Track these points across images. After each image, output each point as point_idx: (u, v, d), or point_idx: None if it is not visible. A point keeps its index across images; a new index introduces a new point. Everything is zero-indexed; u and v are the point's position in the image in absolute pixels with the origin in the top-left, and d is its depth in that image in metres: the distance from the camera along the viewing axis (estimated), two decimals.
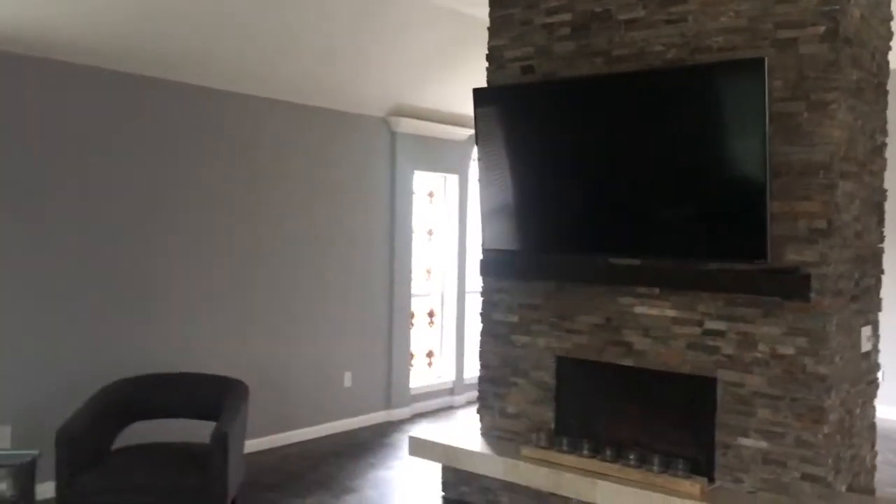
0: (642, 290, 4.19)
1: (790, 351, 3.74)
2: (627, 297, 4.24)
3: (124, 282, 4.97)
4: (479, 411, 4.88)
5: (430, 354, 7.36)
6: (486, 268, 4.74)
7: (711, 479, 3.94)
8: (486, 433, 4.81)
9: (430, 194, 7.26)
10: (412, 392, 6.94)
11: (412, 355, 6.98)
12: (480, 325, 4.88)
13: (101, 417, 4.01)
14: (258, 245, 5.71)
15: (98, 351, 4.80)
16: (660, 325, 4.14)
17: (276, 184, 5.80)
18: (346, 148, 6.30)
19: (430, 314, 7.35)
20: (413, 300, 6.96)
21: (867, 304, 4.10)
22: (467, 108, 6.96)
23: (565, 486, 4.12)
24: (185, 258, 5.28)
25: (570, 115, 4.31)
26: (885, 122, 4.23)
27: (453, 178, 7.29)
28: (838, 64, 3.63)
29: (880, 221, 4.23)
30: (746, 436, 3.86)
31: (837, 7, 3.61)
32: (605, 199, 4.22)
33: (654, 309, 4.16)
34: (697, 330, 4.02)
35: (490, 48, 4.79)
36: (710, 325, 3.98)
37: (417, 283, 7.05)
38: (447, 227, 7.33)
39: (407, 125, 6.65)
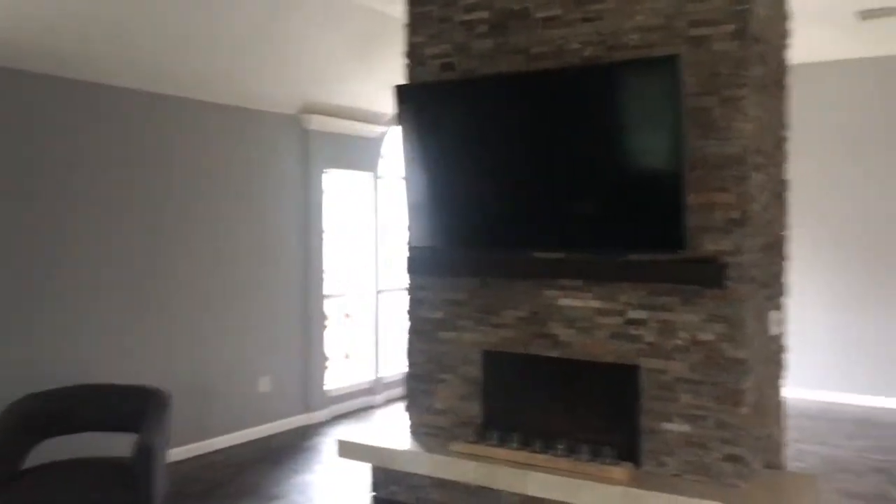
0: (566, 282, 4.27)
1: (709, 337, 3.89)
2: (552, 289, 4.32)
3: (26, 291, 4.70)
4: (406, 409, 4.86)
5: (347, 355, 7.28)
6: (412, 265, 4.73)
7: (637, 465, 4.06)
8: (415, 431, 4.80)
9: (343, 192, 7.18)
10: (330, 394, 6.85)
11: (328, 357, 6.89)
12: (407, 323, 4.86)
13: (10, 435, 3.77)
14: (169, 249, 5.51)
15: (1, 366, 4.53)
16: (584, 317, 4.23)
17: (186, 184, 5.61)
18: (258, 146, 6.16)
19: (346, 315, 7.27)
20: (328, 300, 6.87)
21: (775, 290, 4.32)
22: (379, 105, 6.97)
23: (496, 480, 4.15)
24: (92, 264, 5.03)
25: (491, 112, 4.34)
26: (786, 115, 4.45)
27: (366, 176, 7.23)
28: (747, 61, 3.80)
29: (784, 210, 4.46)
30: (670, 420, 3.99)
31: (746, 6, 3.77)
32: (527, 194, 4.27)
33: (578, 301, 4.24)
34: (620, 320, 4.13)
35: (409, 45, 4.77)
36: (633, 314, 4.10)
37: (332, 283, 6.97)
38: (361, 226, 7.27)
39: (319, 122, 6.56)
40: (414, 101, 4.52)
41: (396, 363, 7.75)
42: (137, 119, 5.29)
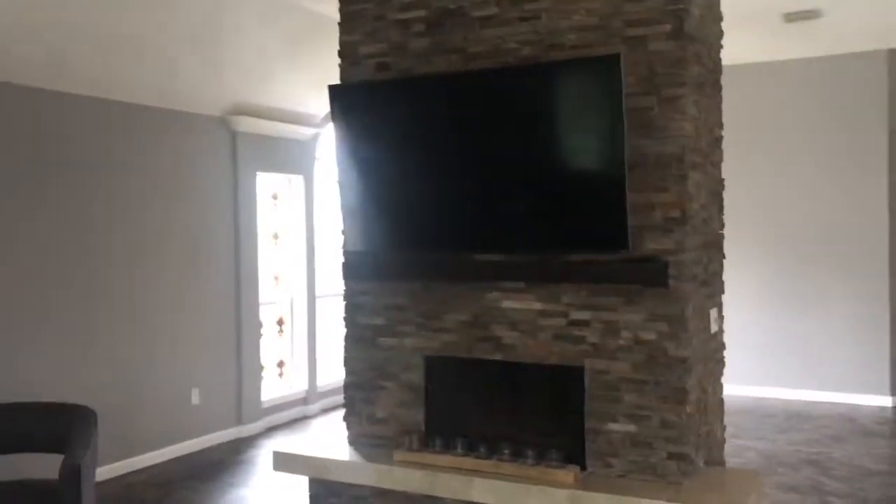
0: (508, 284, 4.21)
1: (652, 336, 3.88)
2: (494, 292, 4.25)
3: None
4: (345, 419, 4.72)
5: (280, 364, 7.09)
6: (349, 270, 4.60)
7: (583, 467, 4.02)
8: (355, 441, 4.66)
9: (275, 196, 7.00)
10: (264, 405, 6.66)
11: (263, 366, 6.70)
12: (344, 330, 4.73)
13: None
14: (93, 257, 5.25)
15: None
16: (527, 319, 4.17)
17: (111, 189, 5.36)
18: (185, 150, 5.94)
19: (280, 322, 7.09)
20: (261, 308, 6.68)
21: (714, 288, 4.34)
22: (311, 106, 6.82)
23: (441, 487, 4.07)
24: (12, 272, 4.74)
25: (428, 112, 4.25)
26: (721, 115, 4.49)
27: (298, 179, 7.07)
28: (685, 60, 3.80)
29: (720, 209, 4.49)
30: (615, 421, 3.97)
31: (682, 6, 3.78)
32: (466, 195, 4.20)
33: (520, 303, 4.19)
34: (563, 321, 4.09)
35: (342, 44, 4.65)
36: (575, 315, 4.06)
37: (265, 290, 6.78)
38: (294, 231, 7.10)
39: (248, 124, 6.37)
40: (348, 101, 4.40)
41: (332, 372, 7.60)
42: (59, 123, 5.03)
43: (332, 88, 4.41)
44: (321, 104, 6.98)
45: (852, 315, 7.28)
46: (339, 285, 7.62)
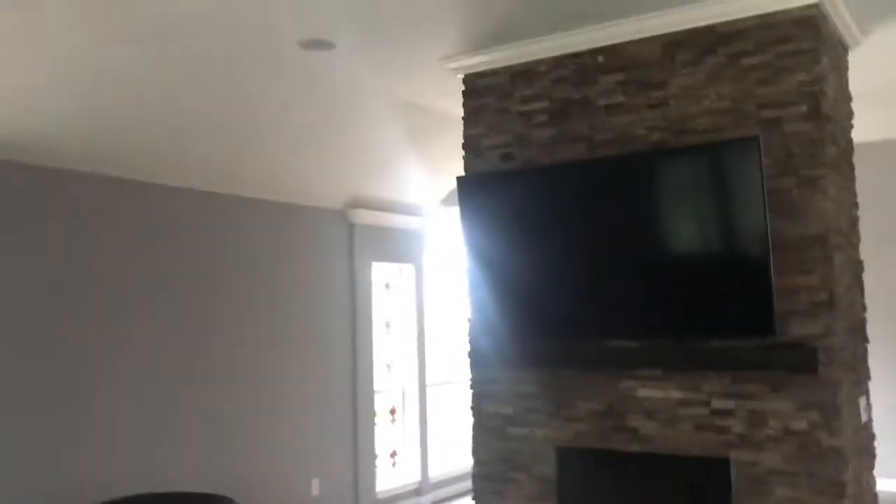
0: (644, 372, 4.11)
1: (803, 426, 3.71)
2: (629, 380, 4.16)
3: (68, 400, 4.57)
4: None
5: (393, 454, 7.05)
6: (477, 358, 4.58)
7: None
8: None
9: (387, 285, 7.11)
10: (378, 496, 6.60)
11: (377, 456, 6.67)
12: (472, 419, 4.68)
13: None
14: (219, 349, 5.41)
15: (34, 484, 4.35)
16: (665, 408, 4.05)
17: (234, 281, 5.55)
18: (305, 241, 6.13)
19: (392, 411, 7.08)
20: (377, 397, 6.70)
21: (861, 375, 4.15)
22: (422, 197, 6.97)
23: None
24: (141, 368, 4.91)
25: (556, 200, 4.28)
26: (856, 195, 4.38)
27: (409, 268, 7.17)
28: (822, 141, 3.75)
29: (862, 292, 4.33)
30: None
31: (818, 87, 3.75)
32: (599, 282, 4.17)
33: (657, 391, 4.08)
34: (705, 410, 3.95)
35: (466, 137, 4.77)
36: (718, 404, 3.92)
37: (378, 379, 6.81)
38: (405, 319, 7.16)
39: (364, 216, 6.54)
40: (476, 192, 4.48)
41: (443, 462, 7.50)
42: (187, 218, 5.28)
43: (459, 180, 4.50)
44: (432, 195, 7.15)
45: None
46: (450, 374, 7.61)
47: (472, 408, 4.69)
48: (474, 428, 4.67)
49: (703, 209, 3.90)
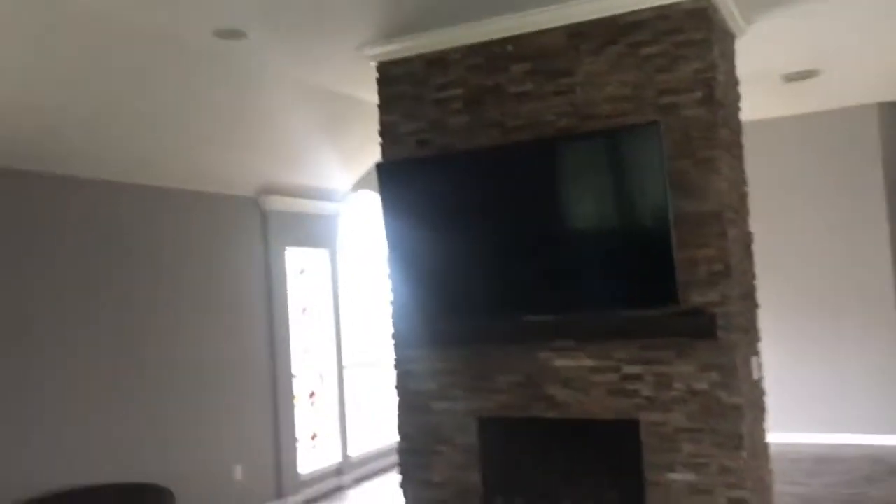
0: (559, 343, 4.37)
1: (704, 386, 4.05)
2: (545, 352, 4.41)
3: None
4: (401, 485, 4.81)
5: (314, 436, 7.14)
6: (399, 339, 4.75)
7: None
8: None
9: (302, 271, 7.16)
10: (301, 478, 6.69)
11: (297, 439, 6.76)
12: (396, 397, 4.85)
13: None
14: (134, 339, 5.36)
15: None
16: (579, 376, 4.33)
17: (147, 271, 5.49)
18: (219, 229, 6.11)
19: (311, 394, 7.17)
20: (295, 380, 6.77)
21: (753, 336, 4.54)
22: (335, 182, 7.05)
23: None
24: (56, 360, 4.84)
25: (473, 184, 4.48)
26: (744, 172, 4.76)
27: (324, 253, 7.24)
28: (716, 124, 4.08)
29: (751, 261, 4.73)
30: (673, 471, 4.10)
31: (711, 74, 4.07)
32: (515, 261, 4.40)
33: (572, 361, 4.35)
34: (616, 376, 4.25)
35: (382, 123, 4.89)
36: (627, 370, 4.23)
37: (296, 363, 6.88)
38: (321, 304, 7.24)
39: (277, 203, 6.57)
40: (396, 177, 4.62)
41: (363, 442, 7.65)
42: (99, 209, 5.20)
43: (379, 165, 4.63)
44: (346, 180, 7.23)
45: (868, 360, 7.47)
46: (368, 355, 7.75)
47: (397, 386, 4.86)
48: (399, 405, 4.85)
49: (609, 189, 4.18)
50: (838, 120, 7.57)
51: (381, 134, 4.90)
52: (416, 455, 4.78)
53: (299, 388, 6.98)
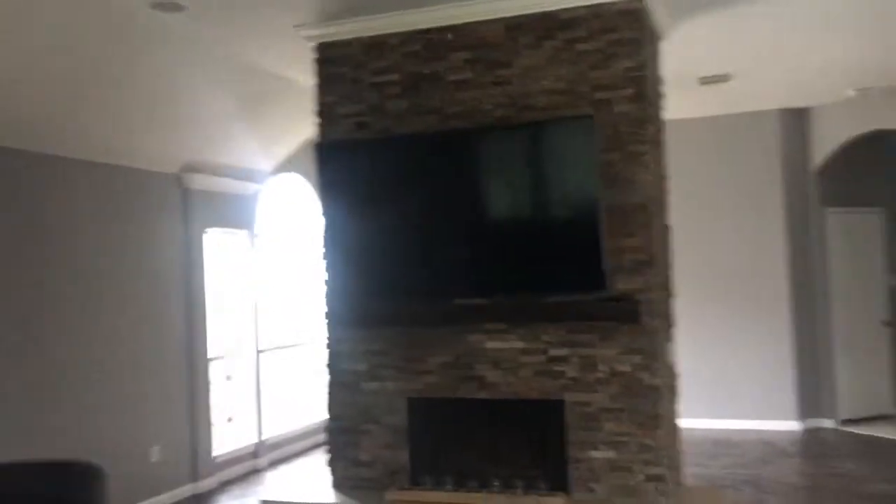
0: (489, 326, 4.52)
1: (627, 368, 4.28)
2: (476, 334, 4.55)
3: None
4: (329, 464, 4.86)
5: (229, 419, 7.07)
6: (333, 318, 4.78)
7: (568, 493, 4.33)
8: (339, 484, 4.80)
9: (221, 251, 7.05)
10: (216, 460, 6.62)
11: (213, 422, 6.68)
12: (327, 377, 4.89)
13: None
14: (50, 318, 5.18)
15: None
16: (508, 357, 4.49)
17: (63, 246, 5.31)
18: (138, 206, 5.95)
19: (227, 377, 7.08)
20: (211, 363, 6.69)
21: (669, 323, 4.81)
22: (257, 162, 6.98)
23: None
24: None
25: (411, 169, 4.57)
26: (666, 167, 5.02)
27: (243, 235, 7.16)
28: (645, 120, 4.30)
29: (669, 252, 4.99)
30: (596, 448, 4.32)
31: (642, 73, 4.29)
32: (449, 246, 4.51)
33: (502, 343, 4.50)
34: (543, 358, 4.43)
35: (320, 105, 4.91)
36: (555, 352, 4.41)
37: (213, 345, 6.78)
38: (239, 285, 7.16)
39: (200, 181, 6.45)
40: (335, 158, 4.65)
41: (278, 424, 7.62)
42: (11, 180, 5.00)
43: (319, 146, 4.65)
44: (268, 161, 7.17)
45: (762, 351, 7.97)
46: (285, 338, 7.71)
47: (328, 366, 4.90)
48: (329, 385, 4.89)
49: (543, 178, 4.34)
50: (744, 123, 8.02)
51: (319, 114, 4.92)
52: (345, 434, 4.83)
53: (216, 370, 6.89)
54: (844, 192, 8.39)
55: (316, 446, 8.03)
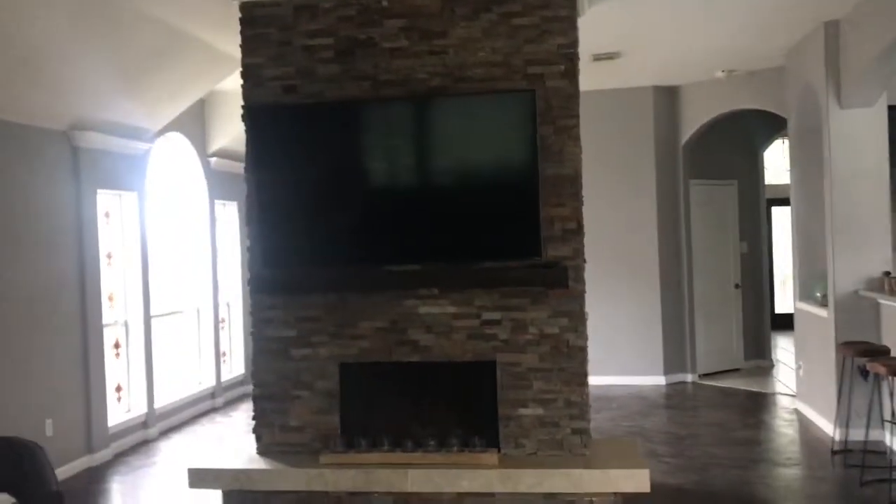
0: (423, 291, 4.63)
1: (555, 330, 4.54)
2: (410, 299, 4.64)
3: None
4: (255, 430, 4.81)
5: (118, 388, 6.78)
6: (259, 285, 4.71)
7: (498, 449, 4.55)
8: (266, 451, 4.77)
9: (107, 214, 6.68)
10: (111, 431, 6.36)
11: (111, 391, 6.40)
12: (253, 344, 4.83)
13: None
14: None
15: None
16: (442, 322, 4.63)
17: None
18: (22, 164, 5.54)
19: (116, 345, 6.77)
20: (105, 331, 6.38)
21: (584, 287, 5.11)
22: (148, 120, 6.65)
23: (376, 483, 4.37)
24: None
25: (347, 134, 4.56)
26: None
27: (131, 196, 6.81)
28: (575, 96, 4.52)
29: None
30: (525, 406, 4.56)
31: (572, 50, 4.50)
32: (384, 212, 4.57)
33: (435, 308, 4.63)
34: (476, 322, 4.61)
35: (245, 66, 4.77)
36: (487, 316, 4.60)
37: (105, 312, 6.47)
38: (128, 250, 6.83)
39: (91, 139, 6.08)
40: (266, 122, 4.56)
41: (168, 393, 7.40)
42: None
43: (249, 109, 4.54)
44: (159, 119, 6.84)
45: (635, 313, 8.58)
46: (171, 304, 7.46)
47: (253, 333, 4.84)
48: (255, 352, 4.83)
49: (481, 149, 4.48)
50: (624, 99, 8.50)
51: (243, 76, 4.78)
52: (272, 401, 4.80)
53: (107, 337, 6.58)
54: (705, 165, 9.12)
55: (202, 414, 7.87)
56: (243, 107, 4.63)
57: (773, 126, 9.24)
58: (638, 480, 4.20)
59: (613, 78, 7.95)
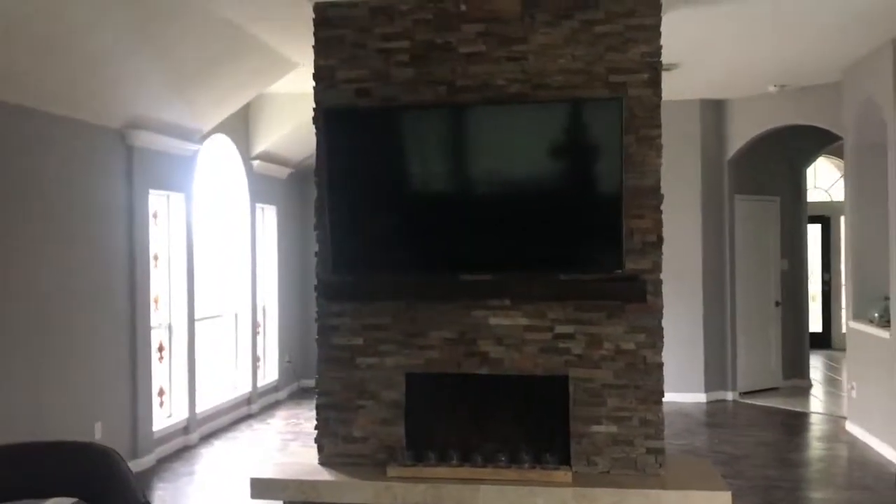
0: (494, 302, 4.51)
1: (631, 346, 4.42)
2: (480, 310, 4.53)
3: None
4: (318, 440, 4.70)
5: (160, 393, 6.66)
6: (327, 291, 4.61)
7: (570, 467, 4.43)
8: (327, 461, 4.66)
9: (155, 215, 6.59)
10: (155, 436, 6.25)
11: (154, 395, 6.29)
12: (318, 352, 4.71)
13: None
14: None
15: None
16: (513, 334, 4.51)
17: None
18: (78, 162, 5.43)
19: (160, 348, 6.67)
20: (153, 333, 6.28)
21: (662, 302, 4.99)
22: (200, 122, 6.55)
23: (447, 497, 4.25)
24: None
25: (422, 139, 4.47)
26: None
27: (178, 197, 6.72)
28: (659, 106, 4.42)
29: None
30: (599, 423, 4.44)
31: (657, 59, 4.40)
32: (457, 221, 4.46)
33: (507, 319, 4.52)
34: (549, 335, 4.49)
35: (318, 67, 4.67)
36: (560, 329, 4.48)
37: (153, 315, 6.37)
38: (174, 252, 6.73)
39: (145, 139, 5.99)
40: (344, 125, 4.47)
41: (209, 398, 7.29)
42: None
43: (328, 112, 4.45)
44: (211, 121, 6.76)
45: (678, 328, 8.38)
46: (213, 308, 7.34)
47: (318, 341, 4.73)
48: (320, 360, 4.72)
49: (564, 157, 4.38)
50: (672, 111, 8.36)
51: (316, 78, 4.69)
52: (336, 410, 4.69)
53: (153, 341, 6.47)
54: (748, 180, 9.00)
55: (240, 420, 7.75)
56: (315, 109, 4.53)
57: (817, 142, 9.13)
58: (719, 503, 4.07)
59: (670, 90, 7.82)
